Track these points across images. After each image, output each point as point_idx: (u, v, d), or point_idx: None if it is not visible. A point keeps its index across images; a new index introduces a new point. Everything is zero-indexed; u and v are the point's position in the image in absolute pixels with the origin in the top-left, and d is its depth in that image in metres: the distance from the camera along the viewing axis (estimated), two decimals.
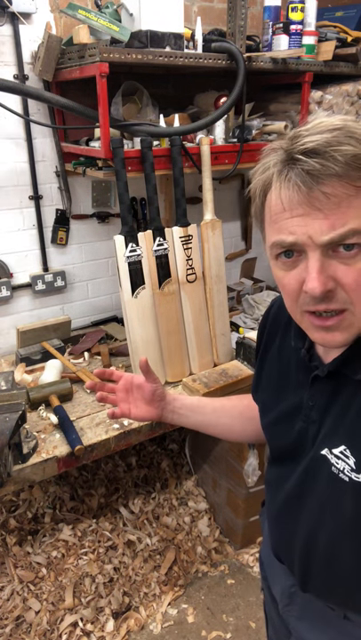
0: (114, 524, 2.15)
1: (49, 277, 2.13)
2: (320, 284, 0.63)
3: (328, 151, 0.60)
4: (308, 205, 0.62)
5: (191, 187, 2.27)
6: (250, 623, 1.92)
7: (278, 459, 0.91)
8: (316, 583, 0.86)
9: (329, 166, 0.60)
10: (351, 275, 0.64)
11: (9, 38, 1.78)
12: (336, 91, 2.09)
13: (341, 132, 0.62)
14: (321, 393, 0.78)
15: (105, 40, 1.59)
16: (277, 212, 0.66)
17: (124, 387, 1.07)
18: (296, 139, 0.64)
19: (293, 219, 0.64)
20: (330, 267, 0.64)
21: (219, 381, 1.80)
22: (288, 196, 0.63)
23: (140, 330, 1.77)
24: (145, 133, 1.71)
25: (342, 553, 0.79)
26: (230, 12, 1.86)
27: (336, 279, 0.64)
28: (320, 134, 0.62)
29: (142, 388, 1.06)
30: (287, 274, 0.68)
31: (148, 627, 1.90)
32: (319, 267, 0.63)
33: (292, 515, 0.86)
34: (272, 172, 0.66)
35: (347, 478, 0.72)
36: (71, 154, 1.95)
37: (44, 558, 1.98)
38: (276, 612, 1.01)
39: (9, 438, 1.30)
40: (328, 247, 0.63)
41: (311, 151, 0.61)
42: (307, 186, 0.61)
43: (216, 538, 2.23)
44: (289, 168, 0.63)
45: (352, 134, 0.61)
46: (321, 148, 0.60)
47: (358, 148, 0.61)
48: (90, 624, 1.84)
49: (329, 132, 0.62)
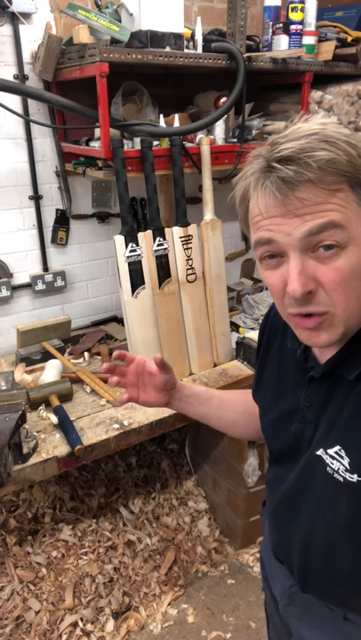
0: (114, 524, 2.15)
1: (49, 277, 2.13)
2: (300, 286, 0.64)
3: (302, 157, 0.61)
4: (285, 211, 0.64)
5: (191, 187, 2.27)
6: (250, 623, 1.92)
7: (277, 459, 0.91)
8: (314, 584, 0.86)
9: (302, 173, 0.61)
10: (330, 274, 0.64)
11: (9, 38, 1.78)
12: (336, 91, 2.09)
13: (317, 137, 0.63)
14: (316, 393, 0.79)
15: (105, 40, 1.59)
16: (256, 217, 0.68)
17: (135, 370, 1.03)
18: (275, 145, 0.65)
19: (271, 218, 0.66)
20: (310, 267, 0.65)
21: (219, 381, 1.80)
22: (265, 204, 0.65)
23: (140, 330, 1.77)
24: (145, 133, 1.71)
25: (339, 553, 0.79)
26: (230, 12, 1.86)
27: (316, 279, 0.65)
28: (296, 141, 0.63)
29: (154, 376, 1.02)
30: (272, 273, 0.69)
31: (148, 627, 1.90)
32: (299, 268, 0.64)
33: (290, 515, 0.86)
34: (250, 180, 0.68)
35: (341, 478, 0.72)
36: (71, 154, 1.95)
37: (44, 558, 1.98)
38: (277, 612, 1.01)
39: (9, 438, 1.30)
40: (307, 246, 0.64)
41: (286, 158, 0.62)
42: (282, 193, 0.63)
43: (216, 538, 2.23)
44: (265, 176, 0.65)
45: (328, 139, 0.62)
46: (295, 155, 0.62)
47: (332, 152, 0.61)
48: (90, 624, 1.84)
49: (305, 137, 0.63)
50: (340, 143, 0.62)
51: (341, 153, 0.62)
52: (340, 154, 0.62)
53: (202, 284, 1.91)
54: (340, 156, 0.61)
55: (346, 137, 0.63)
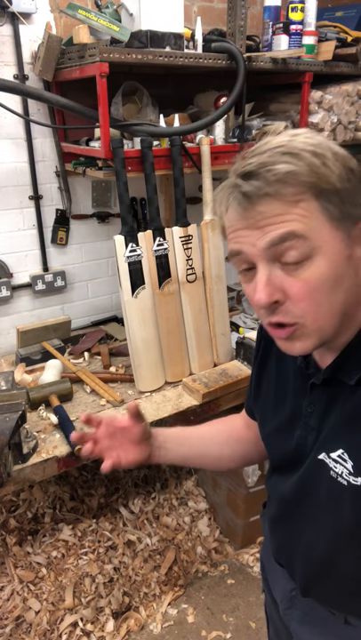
0: (114, 524, 2.15)
1: (49, 277, 2.13)
2: (265, 295, 0.65)
3: (261, 172, 0.62)
4: (247, 224, 0.65)
5: (191, 187, 2.27)
6: (250, 623, 1.92)
7: (278, 467, 0.90)
8: (316, 588, 0.86)
9: (261, 187, 0.62)
10: (297, 286, 0.64)
11: (9, 38, 1.78)
12: (336, 91, 2.09)
13: (280, 149, 0.63)
14: (319, 400, 0.78)
15: (105, 40, 1.59)
16: (227, 230, 0.70)
17: (106, 431, 0.94)
18: (243, 161, 0.66)
19: (237, 231, 0.67)
20: (277, 278, 0.65)
21: (219, 381, 1.80)
22: (229, 218, 0.68)
23: (140, 330, 1.77)
24: (145, 133, 1.71)
25: (342, 557, 0.78)
26: (230, 12, 1.86)
27: (284, 291, 0.66)
28: (259, 155, 0.64)
29: (128, 430, 0.94)
30: (248, 285, 0.70)
31: (148, 627, 1.90)
32: (265, 278, 0.65)
33: (292, 520, 0.86)
34: (219, 197, 0.69)
35: (345, 482, 0.72)
36: (71, 154, 1.95)
37: (44, 558, 1.98)
38: (277, 614, 1.01)
39: (9, 438, 1.30)
40: (274, 256, 0.65)
41: (248, 174, 0.64)
42: (242, 207, 0.64)
43: (216, 538, 2.23)
44: (230, 192, 0.66)
45: (290, 150, 0.63)
46: (255, 170, 0.63)
47: (292, 164, 0.62)
48: (90, 624, 1.84)
49: (268, 151, 0.64)
50: (303, 154, 0.62)
51: (302, 164, 0.62)
52: (301, 164, 0.62)
53: (202, 284, 1.91)
54: (301, 167, 0.62)
55: (313, 147, 0.63)
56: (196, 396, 1.76)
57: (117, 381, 1.88)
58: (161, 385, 1.85)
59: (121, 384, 1.87)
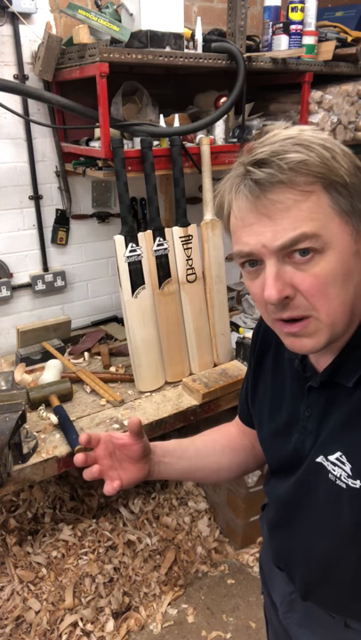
0: (114, 524, 2.15)
1: (49, 277, 2.13)
2: (276, 292, 0.64)
3: (274, 160, 0.62)
4: (257, 213, 0.64)
5: (191, 187, 2.27)
6: (250, 623, 1.92)
7: (276, 471, 0.90)
8: (316, 592, 0.86)
9: (274, 174, 0.62)
10: (308, 281, 0.64)
11: (9, 38, 1.78)
12: (336, 91, 2.09)
13: (292, 140, 0.63)
14: (316, 403, 0.78)
15: (105, 40, 1.59)
16: (234, 222, 0.68)
17: (105, 450, 0.86)
18: (251, 151, 0.66)
19: (246, 228, 0.66)
20: (286, 273, 0.65)
21: (219, 381, 1.80)
22: (239, 207, 0.66)
23: (140, 330, 1.77)
24: (145, 133, 1.71)
25: (342, 560, 0.78)
26: (230, 12, 1.86)
27: (294, 286, 0.65)
28: (270, 145, 0.64)
29: (128, 448, 0.87)
30: (253, 283, 0.70)
31: (148, 627, 1.90)
32: (275, 274, 0.64)
33: (291, 524, 0.85)
34: (226, 186, 0.69)
35: (344, 485, 0.72)
36: (71, 154, 1.95)
37: (44, 558, 1.98)
38: (277, 618, 1.01)
39: (9, 438, 1.30)
40: (283, 253, 0.64)
41: (260, 161, 0.63)
42: (254, 195, 0.63)
43: (216, 538, 2.23)
44: (241, 181, 0.65)
45: (301, 142, 0.63)
46: (268, 158, 0.63)
47: (304, 154, 0.62)
48: (90, 624, 1.84)
49: (280, 141, 0.64)
50: (313, 146, 0.63)
51: (314, 155, 0.62)
52: (313, 155, 0.62)
53: (202, 284, 1.91)
54: (313, 157, 0.62)
55: (322, 141, 0.64)
56: (196, 396, 1.76)
57: (117, 381, 1.88)
58: (161, 385, 1.85)
59: (121, 384, 1.87)
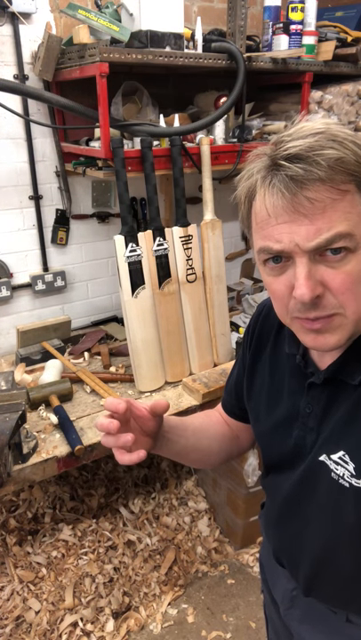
0: (114, 524, 2.15)
1: (49, 277, 2.13)
2: (309, 291, 0.63)
3: (311, 156, 0.60)
4: (293, 211, 0.62)
5: (191, 187, 2.27)
6: (250, 623, 1.92)
7: (275, 466, 0.90)
8: (317, 588, 0.86)
9: (312, 171, 0.59)
10: (339, 278, 0.63)
11: (9, 38, 1.78)
12: (336, 91, 2.09)
13: (324, 135, 0.61)
14: (318, 400, 0.77)
15: (105, 40, 1.59)
16: (263, 218, 0.65)
17: (124, 419, 0.83)
18: (279, 144, 0.63)
19: (279, 225, 0.63)
20: (317, 271, 0.64)
21: (219, 381, 1.80)
22: (272, 203, 0.63)
23: (140, 330, 1.77)
24: (145, 133, 1.71)
25: (343, 557, 0.78)
26: (230, 12, 1.86)
27: (324, 283, 0.64)
28: (303, 139, 0.61)
29: (144, 421, 0.82)
30: (276, 279, 0.68)
31: (148, 627, 1.90)
32: (307, 273, 0.63)
33: (293, 521, 0.85)
34: (256, 178, 0.66)
35: (347, 484, 0.72)
36: (71, 154, 1.95)
37: (44, 558, 1.98)
38: (277, 615, 1.01)
39: (9, 438, 1.30)
40: (315, 252, 0.63)
41: (294, 156, 0.61)
42: (290, 192, 0.61)
43: (216, 538, 2.23)
44: (273, 174, 0.63)
45: (335, 138, 0.61)
46: (304, 153, 0.60)
47: (341, 151, 0.60)
48: (90, 624, 1.84)
49: (312, 136, 0.61)
50: (347, 142, 0.61)
51: (349, 152, 0.61)
52: (348, 153, 0.60)
53: (202, 284, 1.91)
54: (348, 155, 0.60)
55: (351, 137, 0.63)
56: (196, 395, 1.76)
57: (117, 381, 1.88)
58: (161, 385, 1.85)
59: (121, 384, 1.87)
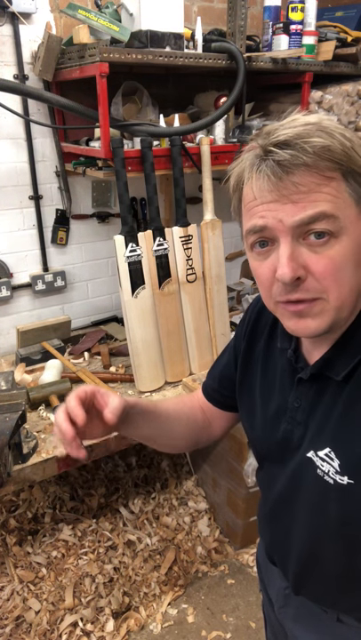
0: (114, 524, 2.15)
1: (49, 277, 2.13)
2: (290, 270, 0.63)
3: (298, 143, 0.62)
4: (278, 195, 0.63)
5: (191, 187, 2.27)
6: (250, 623, 1.92)
7: (265, 459, 0.90)
8: (306, 586, 0.86)
9: (298, 156, 0.61)
10: (322, 263, 0.64)
11: (9, 38, 1.78)
12: (336, 91, 2.09)
13: (314, 126, 0.64)
14: (305, 395, 0.78)
15: (105, 40, 1.59)
16: (250, 201, 0.67)
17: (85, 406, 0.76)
18: (271, 133, 0.66)
19: (264, 204, 0.65)
20: (301, 255, 0.65)
21: None
22: (259, 187, 0.65)
23: (140, 330, 1.77)
24: (145, 133, 1.71)
25: (330, 555, 0.78)
26: (230, 12, 1.86)
27: (307, 267, 0.65)
28: (293, 128, 0.64)
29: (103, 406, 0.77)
30: (261, 264, 0.69)
31: (148, 627, 1.90)
32: (290, 253, 0.64)
33: (282, 517, 0.86)
34: (245, 165, 0.68)
35: (331, 481, 0.72)
36: (71, 154, 1.95)
37: (44, 558, 1.98)
38: (274, 614, 1.01)
39: (9, 438, 1.30)
40: (299, 233, 0.64)
41: (283, 143, 0.63)
42: (276, 176, 0.63)
43: (216, 538, 2.23)
44: (261, 160, 0.65)
45: (324, 129, 0.63)
46: (292, 140, 0.62)
47: (328, 140, 0.62)
48: (90, 624, 1.84)
49: (302, 126, 0.64)
50: (335, 133, 0.63)
51: (336, 142, 0.63)
52: (335, 142, 0.62)
53: (202, 284, 1.91)
54: (335, 144, 0.62)
55: (341, 130, 0.65)
56: None
57: (117, 381, 1.88)
58: (161, 385, 1.85)
59: (121, 384, 1.87)
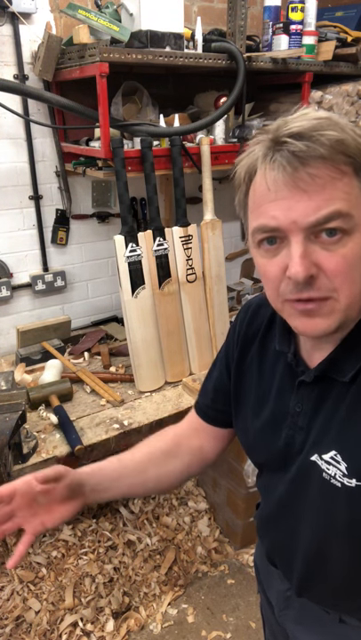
0: (114, 524, 2.15)
1: (49, 277, 2.13)
2: (303, 269, 0.62)
3: (314, 135, 0.61)
4: (293, 186, 0.62)
5: (191, 187, 2.27)
6: (250, 623, 1.92)
7: (266, 467, 0.89)
8: (311, 588, 0.85)
9: (315, 148, 0.61)
10: (334, 261, 0.63)
11: (9, 38, 1.78)
12: (336, 91, 2.09)
13: (326, 120, 0.63)
14: (308, 398, 0.76)
15: (105, 40, 1.59)
16: (262, 194, 0.65)
17: (24, 501, 0.78)
18: (283, 125, 0.65)
19: (278, 201, 0.63)
20: (313, 253, 0.63)
21: None
22: (273, 177, 0.63)
23: (140, 330, 1.77)
24: (145, 133, 1.71)
25: (335, 557, 0.78)
26: (230, 12, 1.86)
27: (319, 265, 0.63)
28: (306, 121, 0.63)
29: (51, 491, 0.79)
30: (270, 261, 0.67)
31: (148, 627, 1.90)
32: (302, 251, 0.63)
33: (285, 521, 0.85)
34: (257, 155, 0.66)
35: (339, 484, 0.71)
36: (71, 154, 1.95)
37: (43, 558, 1.98)
38: (273, 616, 1.01)
39: (9, 438, 1.30)
40: (311, 232, 0.63)
41: (298, 134, 0.62)
42: (292, 166, 0.61)
43: (216, 538, 2.23)
44: (275, 150, 0.63)
45: (336, 123, 0.63)
46: (307, 132, 0.62)
47: (342, 134, 0.62)
48: (90, 624, 1.84)
49: (315, 119, 0.63)
50: (347, 129, 0.63)
51: (349, 137, 0.62)
52: (348, 137, 0.62)
53: (202, 284, 1.91)
54: (348, 139, 0.62)
55: (351, 126, 0.65)
56: (195, 395, 1.76)
57: (117, 381, 1.88)
58: (161, 385, 1.85)
59: (121, 384, 1.87)
